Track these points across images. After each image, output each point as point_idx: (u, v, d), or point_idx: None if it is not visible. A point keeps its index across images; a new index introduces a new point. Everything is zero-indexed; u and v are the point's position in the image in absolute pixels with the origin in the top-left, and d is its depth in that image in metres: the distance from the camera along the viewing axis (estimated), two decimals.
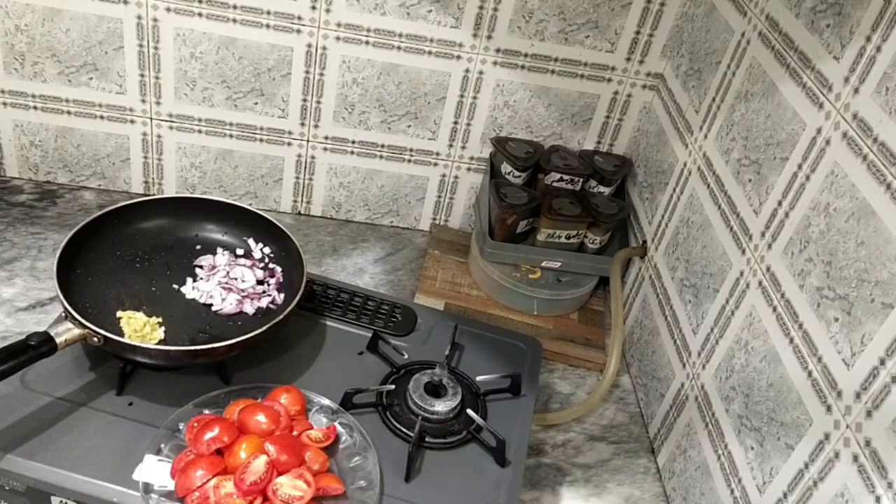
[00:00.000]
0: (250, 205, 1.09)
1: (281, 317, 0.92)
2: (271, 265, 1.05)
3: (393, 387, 0.95)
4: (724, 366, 0.99)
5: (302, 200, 1.44)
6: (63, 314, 0.86)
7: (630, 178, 1.40)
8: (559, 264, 1.33)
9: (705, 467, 1.00)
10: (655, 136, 1.32)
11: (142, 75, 1.27)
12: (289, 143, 1.36)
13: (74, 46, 1.23)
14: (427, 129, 1.36)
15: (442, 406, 0.92)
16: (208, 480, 0.77)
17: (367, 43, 1.26)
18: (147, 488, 0.78)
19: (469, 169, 1.42)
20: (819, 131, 0.86)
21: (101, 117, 1.31)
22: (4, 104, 1.29)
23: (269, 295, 1.01)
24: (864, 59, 0.79)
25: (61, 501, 0.79)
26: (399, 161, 1.40)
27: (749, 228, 0.98)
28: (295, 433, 0.84)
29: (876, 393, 0.71)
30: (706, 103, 1.14)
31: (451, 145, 1.38)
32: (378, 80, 1.30)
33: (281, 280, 1.04)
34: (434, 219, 1.48)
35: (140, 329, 0.91)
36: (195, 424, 0.82)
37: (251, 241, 1.07)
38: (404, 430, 0.91)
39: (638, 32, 1.28)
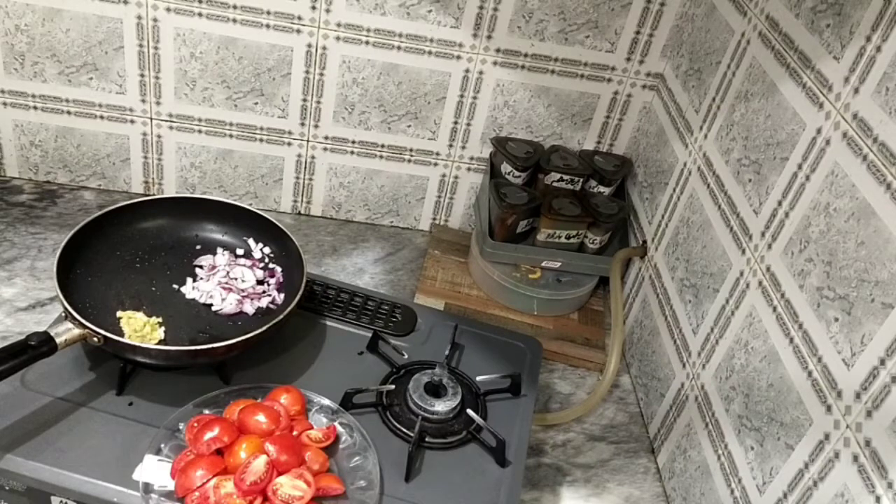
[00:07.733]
0: (250, 205, 1.09)
1: (281, 317, 0.92)
2: (271, 265, 1.05)
3: (393, 387, 0.95)
4: (724, 366, 0.99)
5: (302, 200, 1.44)
6: (63, 314, 0.86)
7: (630, 178, 1.40)
8: (559, 264, 1.33)
9: (705, 467, 1.00)
10: (655, 136, 1.32)
11: (142, 75, 1.27)
12: (289, 143, 1.36)
13: (74, 46, 1.23)
14: (427, 129, 1.36)
15: (442, 406, 0.92)
16: (208, 480, 0.77)
17: (367, 43, 1.26)
18: (147, 488, 0.78)
19: (469, 169, 1.42)
20: (819, 131, 0.86)
21: (101, 117, 1.31)
22: (4, 104, 1.29)
23: (269, 295, 1.01)
24: (864, 59, 0.79)
25: (61, 501, 0.79)
26: (399, 161, 1.40)
27: (749, 228, 0.98)
28: (295, 433, 0.84)
29: (876, 393, 0.71)
30: (706, 103, 1.14)
31: (451, 145, 1.38)
32: (378, 80, 1.30)
33: (281, 280, 1.04)
34: (434, 219, 1.48)
35: (140, 329, 0.91)
36: (195, 424, 0.82)
37: (251, 241, 1.07)
38: (404, 430, 0.91)
39: (638, 32, 1.28)
